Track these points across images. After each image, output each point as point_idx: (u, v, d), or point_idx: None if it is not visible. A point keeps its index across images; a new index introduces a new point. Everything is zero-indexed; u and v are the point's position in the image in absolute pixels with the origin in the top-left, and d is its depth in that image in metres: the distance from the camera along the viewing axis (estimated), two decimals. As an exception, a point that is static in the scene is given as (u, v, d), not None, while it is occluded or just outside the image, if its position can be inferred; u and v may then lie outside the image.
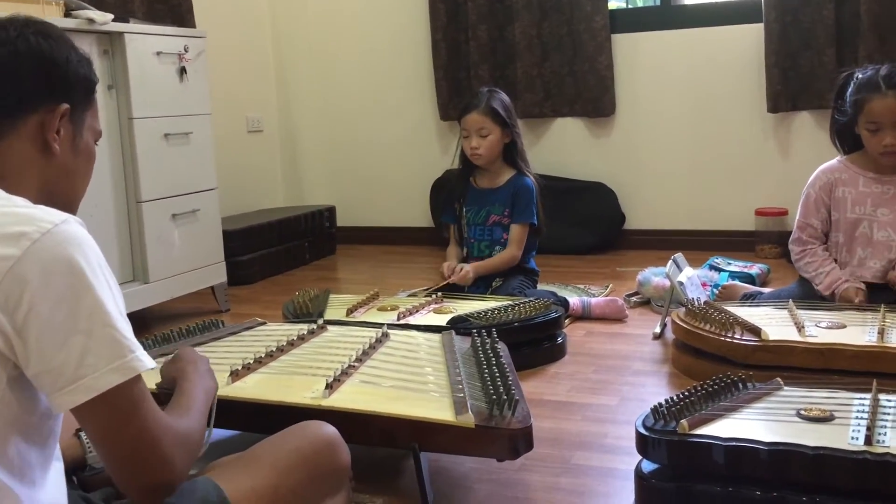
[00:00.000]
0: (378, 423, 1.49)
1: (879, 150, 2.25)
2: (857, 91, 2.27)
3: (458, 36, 4.01)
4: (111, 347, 0.98)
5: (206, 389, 1.26)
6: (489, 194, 2.80)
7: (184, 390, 1.21)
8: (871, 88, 2.23)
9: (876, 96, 2.22)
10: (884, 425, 1.38)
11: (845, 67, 3.15)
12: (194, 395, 1.20)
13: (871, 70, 2.27)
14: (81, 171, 1.15)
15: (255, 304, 3.20)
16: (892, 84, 2.21)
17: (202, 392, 1.23)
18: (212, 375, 1.34)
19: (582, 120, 3.91)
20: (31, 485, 0.97)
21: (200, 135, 2.94)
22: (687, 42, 3.75)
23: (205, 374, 1.31)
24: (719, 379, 1.57)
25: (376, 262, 3.95)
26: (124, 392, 0.98)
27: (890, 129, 2.21)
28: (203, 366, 1.34)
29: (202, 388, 1.24)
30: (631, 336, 2.53)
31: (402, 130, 4.25)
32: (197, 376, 1.27)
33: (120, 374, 0.97)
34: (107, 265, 1.03)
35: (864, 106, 2.24)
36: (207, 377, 1.31)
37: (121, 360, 0.98)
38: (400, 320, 2.28)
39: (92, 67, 1.15)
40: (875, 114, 2.22)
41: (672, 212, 3.84)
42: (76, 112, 1.11)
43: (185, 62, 2.84)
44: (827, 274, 2.32)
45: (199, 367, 1.31)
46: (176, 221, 2.83)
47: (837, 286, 2.29)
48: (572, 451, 1.72)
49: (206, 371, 1.33)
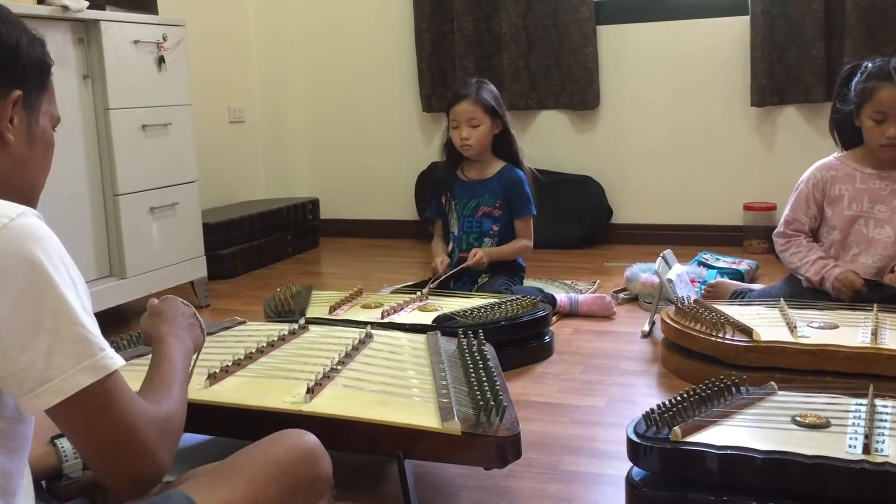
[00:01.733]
0: (361, 429, 1.44)
1: (882, 141, 2.21)
2: (867, 79, 2.23)
3: (443, 27, 3.95)
4: (79, 346, 0.93)
5: (185, 354, 1.19)
6: (478, 185, 2.75)
7: (159, 360, 1.15)
8: (882, 77, 2.20)
9: (886, 85, 2.18)
10: (881, 433, 1.34)
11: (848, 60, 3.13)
12: (172, 365, 1.14)
13: (882, 60, 2.24)
14: (40, 160, 1.08)
15: (236, 298, 3.14)
16: None
17: (180, 359, 1.17)
18: (192, 331, 1.27)
19: (567, 112, 3.87)
20: (13, 496, 0.94)
21: (180, 126, 2.87)
22: (673, 34, 3.71)
23: (183, 334, 1.23)
24: (712, 383, 1.53)
25: (360, 255, 3.89)
26: (96, 390, 0.93)
27: (895, 121, 2.18)
28: (183, 322, 1.26)
29: (180, 355, 1.17)
30: (619, 334, 2.49)
31: (386, 122, 4.19)
32: (174, 339, 1.20)
33: (90, 375, 0.93)
34: (70, 259, 0.98)
35: (873, 94, 2.20)
36: (186, 336, 1.24)
37: (90, 359, 0.93)
38: (384, 318, 2.23)
39: (45, 49, 1.08)
40: (883, 103, 2.18)
41: (660, 206, 3.80)
42: (30, 98, 1.04)
43: (163, 51, 2.77)
44: (813, 262, 2.29)
45: (176, 327, 1.24)
46: (154, 215, 2.76)
47: (827, 271, 2.25)
48: (560, 456, 1.67)
49: (185, 329, 1.25)
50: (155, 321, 1.25)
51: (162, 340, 1.20)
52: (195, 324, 1.30)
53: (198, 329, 1.30)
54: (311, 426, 1.32)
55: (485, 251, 2.64)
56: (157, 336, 1.21)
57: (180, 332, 1.24)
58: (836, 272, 2.23)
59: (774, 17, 3.47)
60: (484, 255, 2.63)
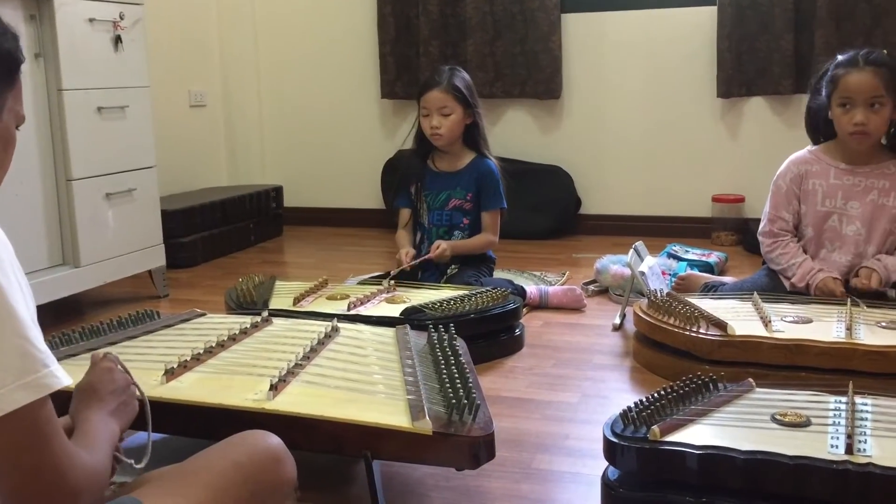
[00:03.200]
0: (327, 428, 1.37)
1: (850, 129, 2.18)
2: (835, 68, 2.21)
3: (408, 11, 3.87)
4: (22, 361, 0.86)
5: (110, 438, 1.08)
6: (449, 178, 2.68)
7: (86, 429, 1.06)
8: (849, 64, 2.19)
9: (852, 70, 2.17)
10: (863, 432, 1.31)
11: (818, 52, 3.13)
12: (98, 442, 1.04)
13: (853, 51, 2.22)
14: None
15: (196, 288, 3.04)
16: (869, 60, 2.16)
17: (105, 441, 1.06)
18: (123, 412, 1.15)
19: (533, 101, 3.82)
20: None
21: (138, 109, 2.76)
22: (640, 24, 3.68)
23: (110, 420, 1.11)
24: (689, 380, 1.49)
25: (325, 244, 3.81)
26: (32, 413, 0.85)
27: (861, 106, 2.16)
28: (112, 402, 1.14)
29: (105, 438, 1.06)
30: (589, 327, 2.45)
31: (350, 108, 4.11)
32: (101, 423, 1.09)
33: (30, 392, 0.85)
34: (18, 265, 0.91)
35: (839, 81, 2.18)
36: (113, 421, 1.12)
37: (32, 375, 0.86)
38: (350, 310, 2.16)
39: (18, 44, 0.99)
40: (849, 88, 2.16)
41: (628, 197, 3.78)
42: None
43: (120, 30, 2.66)
44: (799, 265, 2.26)
45: (103, 410, 1.12)
46: (110, 201, 2.66)
47: (812, 276, 2.23)
48: (533, 454, 1.62)
49: (114, 411, 1.13)
50: (84, 402, 1.12)
51: (88, 420, 1.08)
52: (128, 400, 1.18)
53: (131, 406, 1.18)
54: (273, 425, 1.26)
55: (448, 244, 2.57)
56: (83, 416, 1.10)
57: (107, 417, 1.12)
58: (819, 278, 2.21)
59: (743, 8, 3.46)
60: (447, 247, 2.56)
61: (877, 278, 2.16)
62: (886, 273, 2.18)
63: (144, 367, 1.53)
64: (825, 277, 2.21)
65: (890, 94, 2.15)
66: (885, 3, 3.28)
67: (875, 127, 2.18)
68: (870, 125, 2.17)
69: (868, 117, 2.16)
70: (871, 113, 2.16)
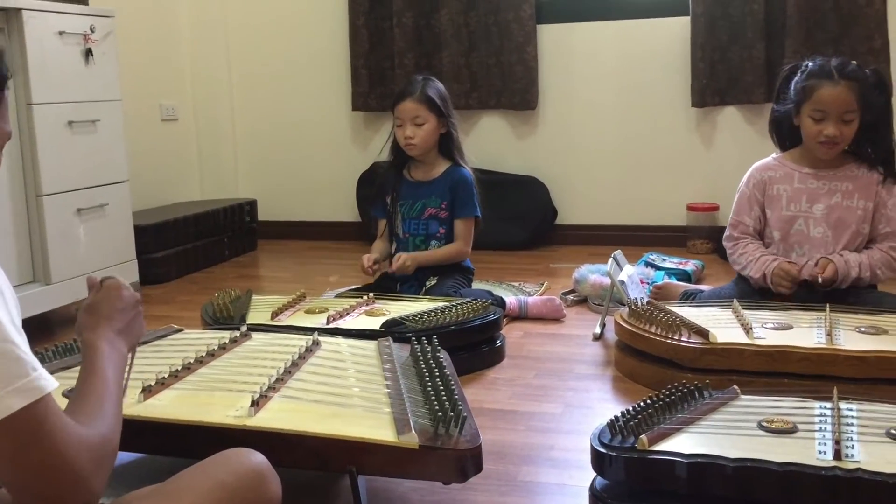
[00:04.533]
0: (311, 444, 1.34)
1: (819, 139, 2.20)
2: (808, 77, 2.22)
3: (382, 23, 3.86)
4: (10, 366, 0.85)
5: (118, 362, 1.09)
6: (424, 187, 2.66)
7: (90, 372, 1.05)
8: (823, 75, 2.19)
9: (827, 83, 2.17)
10: (850, 437, 1.31)
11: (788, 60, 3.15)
12: (104, 378, 1.04)
13: (822, 60, 2.23)
14: None
15: (171, 304, 3.00)
16: (844, 74, 2.17)
17: (113, 369, 1.06)
18: (131, 329, 1.17)
19: (509, 112, 3.82)
20: None
21: (109, 123, 2.72)
22: (614, 34, 3.70)
23: (118, 340, 1.12)
24: (675, 388, 1.48)
25: (301, 258, 3.77)
26: (28, 415, 0.85)
27: (834, 120, 2.18)
28: (122, 319, 1.15)
29: (113, 364, 1.07)
30: (570, 337, 2.44)
31: (324, 122, 4.08)
32: (107, 345, 1.09)
33: (23, 397, 0.85)
34: (1, 271, 0.90)
35: (814, 92, 2.19)
36: (121, 341, 1.13)
37: (22, 380, 0.86)
38: (330, 324, 2.14)
39: (3, 59, 0.97)
40: (824, 101, 2.17)
41: (604, 207, 3.78)
42: None
43: (91, 43, 2.62)
44: (756, 260, 2.28)
45: (112, 328, 1.12)
46: (81, 217, 2.61)
47: (767, 266, 2.24)
48: (518, 466, 1.61)
49: (122, 329, 1.14)
50: (90, 320, 1.13)
51: (94, 347, 1.09)
52: (136, 317, 1.19)
53: (139, 323, 1.20)
54: (256, 442, 1.24)
55: (410, 255, 2.55)
56: (89, 341, 1.10)
57: (115, 337, 1.13)
58: (773, 265, 2.23)
59: (715, 18, 3.49)
60: (409, 258, 2.53)
61: (832, 269, 2.17)
62: (846, 268, 2.19)
63: (121, 385, 1.49)
64: (780, 262, 2.22)
65: (860, 107, 2.17)
66: (853, 13, 3.33)
67: (845, 139, 2.21)
68: (841, 137, 2.19)
69: (840, 130, 2.18)
70: (843, 125, 2.18)
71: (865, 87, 2.18)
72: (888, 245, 2.25)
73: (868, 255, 2.24)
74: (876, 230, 2.27)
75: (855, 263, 2.21)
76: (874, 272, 2.23)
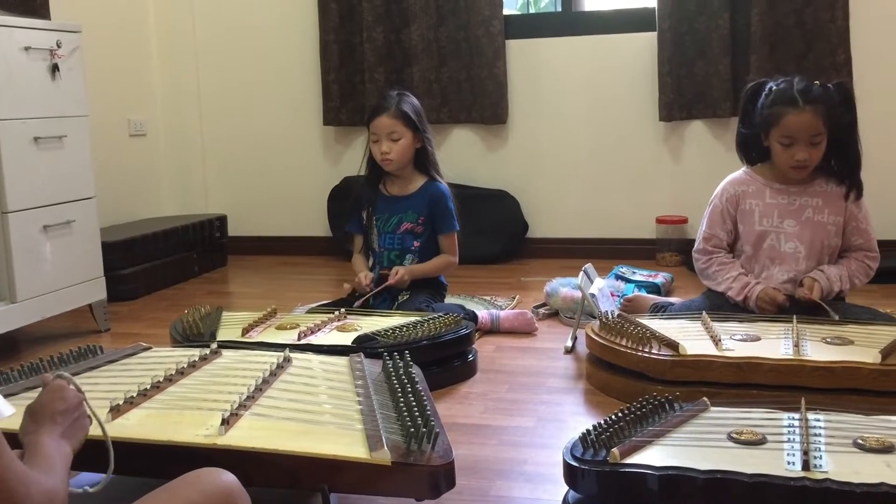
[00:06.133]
0: (282, 462, 1.33)
1: (791, 163, 2.23)
2: (773, 104, 2.23)
3: (352, 38, 3.87)
4: None
5: (63, 461, 1.06)
6: (401, 201, 2.67)
7: (39, 452, 1.03)
8: (788, 102, 2.20)
9: (792, 111, 2.19)
10: (818, 447, 1.33)
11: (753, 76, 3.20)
12: (52, 456, 1.02)
13: (784, 83, 2.24)
14: None
15: (140, 321, 2.96)
16: (809, 99, 2.18)
17: (60, 458, 1.04)
18: (75, 432, 1.13)
19: (480, 126, 3.84)
20: None
21: (76, 138, 2.69)
22: (583, 49, 3.73)
23: (61, 442, 1.09)
24: (646, 401, 1.49)
25: (271, 274, 3.75)
26: None
27: (803, 145, 2.20)
28: (64, 422, 1.12)
29: (59, 461, 1.04)
30: (542, 350, 2.44)
31: (295, 136, 4.07)
32: (52, 444, 1.06)
33: None
34: None
35: (780, 119, 2.21)
36: (65, 443, 1.10)
37: None
38: (301, 340, 2.12)
39: None
40: (791, 128, 2.20)
41: (575, 220, 3.81)
42: None
43: (57, 59, 2.59)
44: (735, 279, 2.30)
45: (55, 432, 1.09)
46: (48, 233, 2.58)
47: (750, 290, 2.26)
48: (491, 481, 1.61)
49: (65, 433, 1.11)
50: (33, 425, 1.10)
51: (38, 445, 1.06)
52: (80, 418, 1.16)
53: (82, 424, 1.16)
54: (226, 461, 1.23)
55: (406, 269, 2.56)
56: (32, 443, 1.07)
57: (58, 438, 1.10)
58: (757, 290, 2.25)
59: (682, 34, 3.53)
60: (406, 272, 2.55)
61: (818, 288, 2.21)
62: (829, 284, 2.23)
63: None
64: (764, 288, 2.25)
65: (827, 128, 2.20)
66: (816, 29, 3.39)
67: (815, 160, 2.24)
68: (811, 160, 2.22)
69: (810, 153, 2.21)
70: (811, 148, 2.21)
71: (831, 107, 2.20)
72: (863, 254, 2.31)
73: (846, 265, 2.28)
74: (849, 241, 2.31)
75: (836, 278, 2.25)
76: (852, 282, 2.28)
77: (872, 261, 2.32)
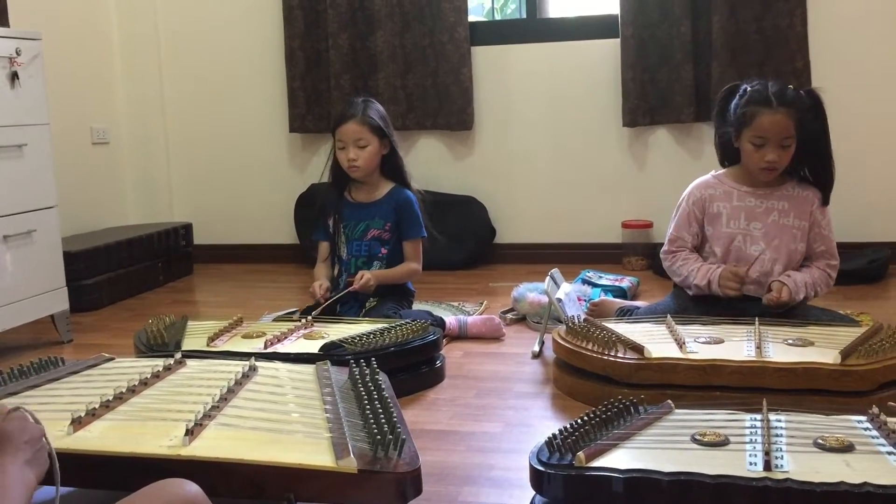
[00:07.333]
0: (246, 472, 1.32)
1: (761, 164, 2.26)
2: (746, 104, 2.26)
3: (318, 45, 3.86)
4: None
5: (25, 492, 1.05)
6: (367, 208, 2.66)
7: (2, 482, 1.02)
8: (762, 102, 2.23)
9: (766, 111, 2.22)
10: (779, 448, 1.35)
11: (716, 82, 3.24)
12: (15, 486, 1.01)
13: (759, 84, 2.27)
14: None
15: (103, 331, 2.92)
16: (782, 101, 2.22)
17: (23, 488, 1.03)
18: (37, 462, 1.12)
19: (446, 132, 3.85)
20: None
21: (37, 147, 2.66)
22: (547, 56, 3.76)
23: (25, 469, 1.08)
24: (611, 404, 1.50)
25: (238, 282, 3.72)
26: None
27: (774, 146, 2.23)
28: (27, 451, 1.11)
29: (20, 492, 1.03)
30: (509, 355, 2.45)
31: (259, 143, 4.05)
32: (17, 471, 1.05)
33: None
34: None
35: (753, 120, 2.24)
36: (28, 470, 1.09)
37: None
38: (267, 348, 2.11)
39: None
40: (763, 128, 2.22)
41: (541, 225, 3.83)
42: None
43: (17, 66, 2.56)
44: (698, 269, 2.33)
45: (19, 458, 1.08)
46: (8, 244, 2.54)
47: (713, 273, 2.29)
48: (459, 487, 1.61)
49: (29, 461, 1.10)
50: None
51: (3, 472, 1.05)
52: (42, 450, 1.15)
53: (44, 457, 1.15)
54: (190, 471, 1.21)
55: (372, 273, 2.56)
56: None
57: (23, 466, 1.09)
58: (718, 272, 2.28)
59: (644, 41, 3.57)
60: (371, 277, 2.54)
61: (787, 292, 2.24)
62: (796, 287, 2.26)
63: (50, 418, 1.44)
64: (726, 266, 2.28)
65: (797, 132, 2.24)
66: (775, 36, 3.44)
67: (783, 163, 2.27)
68: (780, 162, 2.26)
69: (780, 155, 2.24)
70: (781, 150, 2.24)
71: (802, 112, 2.23)
72: (825, 263, 2.35)
73: (810, 273, 2.32)
74: (811, 249, 2.35)
75: (802, 284, 2.28)
76: (816, 290, 2.31)
77: (833, 269, 2.35)
